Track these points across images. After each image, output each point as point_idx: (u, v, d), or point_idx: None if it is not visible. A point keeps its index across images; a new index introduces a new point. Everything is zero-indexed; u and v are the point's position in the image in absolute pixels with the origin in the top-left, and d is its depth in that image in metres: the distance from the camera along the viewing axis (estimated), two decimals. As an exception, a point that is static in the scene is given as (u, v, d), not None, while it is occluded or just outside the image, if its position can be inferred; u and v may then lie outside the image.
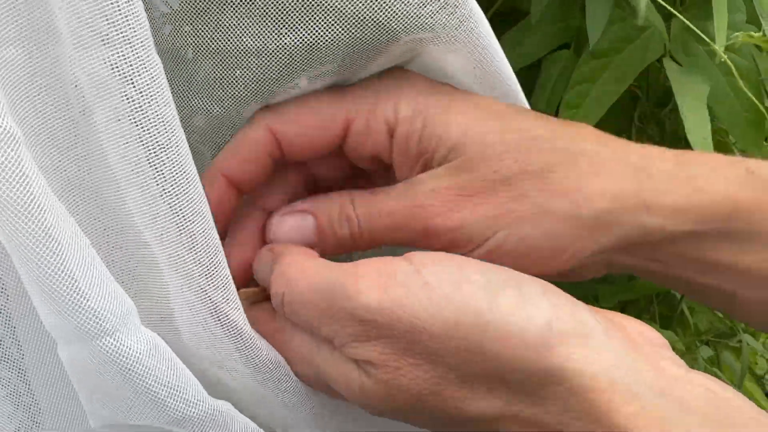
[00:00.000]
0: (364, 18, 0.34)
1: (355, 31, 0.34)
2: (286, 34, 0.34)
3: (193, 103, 0.39)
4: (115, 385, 0.30)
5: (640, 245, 0.36)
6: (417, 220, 0.36)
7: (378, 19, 0.34)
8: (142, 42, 0.29)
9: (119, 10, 0.28)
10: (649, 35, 0.57)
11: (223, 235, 0.38)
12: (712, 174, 0.36)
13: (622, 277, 0.78)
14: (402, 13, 0.34)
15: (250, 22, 0.34)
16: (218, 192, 0.38)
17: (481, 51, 0.36)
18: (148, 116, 0.29)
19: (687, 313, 0.83)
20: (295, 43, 0.35)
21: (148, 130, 0.29)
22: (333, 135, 0.37)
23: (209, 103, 0.38)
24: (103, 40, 0.28)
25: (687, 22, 0.57)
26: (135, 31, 0.28)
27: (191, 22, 0.35)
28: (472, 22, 0.35)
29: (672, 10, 0.57)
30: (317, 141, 0.37)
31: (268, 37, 0.35)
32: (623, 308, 0.79)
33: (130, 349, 0.29)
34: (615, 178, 0.35)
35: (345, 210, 0.37)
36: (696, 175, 0.36)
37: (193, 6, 0.35)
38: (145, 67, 0.29)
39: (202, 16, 0.35)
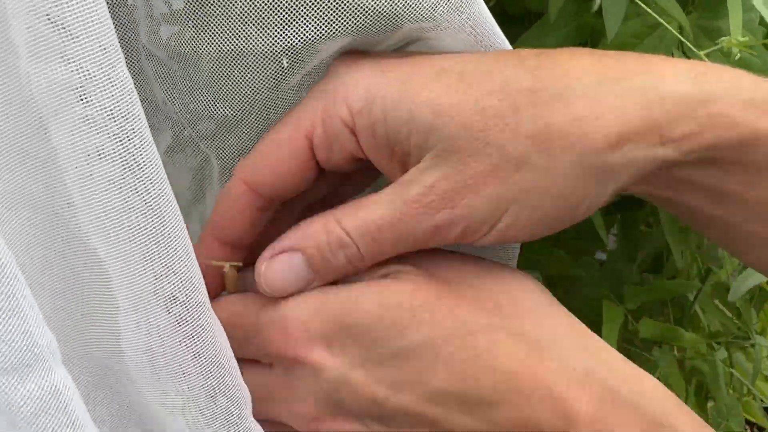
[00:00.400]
0: (368, 8, 0.33)
1: (358, 19, 0.34)
2: (296, 25, 0.34)
3: (195, 107, 0.38)
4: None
5: (651, 176, 0.34)
6: (420, 221, 0.33)
7: (383, 10, 0.33)
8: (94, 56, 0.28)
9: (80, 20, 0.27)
10: (662, 32, 0.57)
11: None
12: (730, 96, 0.32)
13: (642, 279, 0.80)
14: (407, 4, 0.33)
15: (256, 17, 0.34)
16: (213, 252, 0.36)
17: (481, 34, 0.35)
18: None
19: (700, 315, 0.84)
20: (301, 34, 0.34)
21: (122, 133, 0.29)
22: (303, 160, 0.35)
23: (214, 105, 0.38)
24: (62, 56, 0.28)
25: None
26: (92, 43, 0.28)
27: (194, 23, 0.35)
28: (472, 10, 0.34)
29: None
30: (292, 173, 0.35)
31: (276, 29, 0.34)
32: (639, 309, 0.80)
33: (18, 392, 0.27)
34: (619, 113, 0.32)
35: (334, 234, 0.34)
36: (713, 96, 0.32)
37: (197, 6, 0.34)
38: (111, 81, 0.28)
39: (205, 16, 0.34)
